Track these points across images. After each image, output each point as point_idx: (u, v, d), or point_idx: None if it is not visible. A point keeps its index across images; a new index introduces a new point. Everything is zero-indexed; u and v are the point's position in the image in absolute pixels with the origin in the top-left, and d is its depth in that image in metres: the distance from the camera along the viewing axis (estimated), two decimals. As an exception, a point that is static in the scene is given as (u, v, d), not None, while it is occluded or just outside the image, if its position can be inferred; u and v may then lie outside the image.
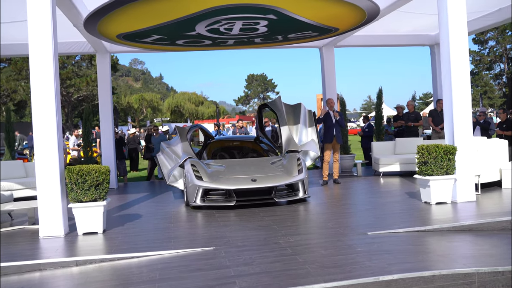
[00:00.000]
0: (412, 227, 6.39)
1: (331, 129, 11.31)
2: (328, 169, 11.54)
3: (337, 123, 11.32)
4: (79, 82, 48.24)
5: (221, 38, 10.09)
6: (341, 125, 11.47)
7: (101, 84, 13.25)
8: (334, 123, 11.28)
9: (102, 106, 13.20)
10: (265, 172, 9.05)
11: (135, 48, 11.90)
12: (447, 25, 8.06)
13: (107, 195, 7.27)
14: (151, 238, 6.64)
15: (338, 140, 11.32)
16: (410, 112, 13.94)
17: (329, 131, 11.33)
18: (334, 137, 11.26)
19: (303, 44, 13.17)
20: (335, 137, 11.28)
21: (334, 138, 11.27)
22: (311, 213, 8.03)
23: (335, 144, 11.35)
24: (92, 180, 6.93)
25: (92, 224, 7.01)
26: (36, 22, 7.02)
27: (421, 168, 8.13)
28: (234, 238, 6.35)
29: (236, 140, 11.62)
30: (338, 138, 11.33)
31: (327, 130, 11.38)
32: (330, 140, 11.32)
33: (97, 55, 13.26)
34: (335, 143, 11.33)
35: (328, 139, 11.33)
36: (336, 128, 11.30)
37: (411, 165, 11.86)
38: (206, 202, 8.67)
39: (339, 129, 11.39)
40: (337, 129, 11.32)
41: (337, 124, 11.32)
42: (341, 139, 11.44)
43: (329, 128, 11.34)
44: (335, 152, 11.50)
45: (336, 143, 11.33)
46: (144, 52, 12.88)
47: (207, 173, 8.94)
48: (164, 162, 10.40)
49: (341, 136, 11.54)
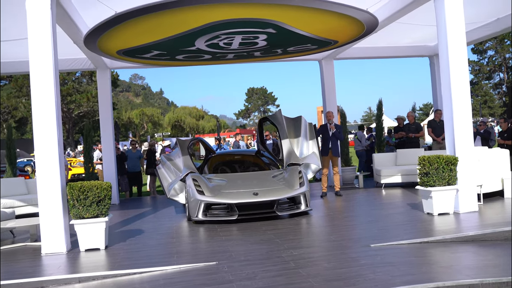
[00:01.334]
0: (415, 239, 6.36)
1: (327, 141, 11.40)
2: (327, 181, 11.59)
3: (334, 136, 11.37)
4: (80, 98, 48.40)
5: (221, 53, 10.14)
6: (338, 138, 11.48)
7: (102, 100, 13.28)
8: (330, 136, 11.34)
9: (103, 121, 13.20)
10: (267, 185, 9.05)
11: (135, 64, 11.96)
12: (445, 35, 8.10)
13: (109, 211, 7.26)
14: (153, 253, 6.63)
15: (334, 152, 11.39)
16: (410, 123, 13.95)
17: (326, 143, 11.41)
18: (330, 149, 11.35)
19: (302, 57, 13.21)
20: (331, 150, 11.35)
21: (330, 151, 11.35)
22: (314, 226, 8.02)
23: (332, 157, 11.42)
24: (94, 196, 6.93)
25: (94, 240, 7.00)
26: (36, 40, 7.07)
27: (422, 179, 8.12)
28: (237, 252, 6.33)
29: (237, 154, 11.63)
30: (334, 151, 11.39)
31: (323, 142, 11.46)
32: (326, 152, 11.37)
33: (97, 71, 13.31)
34: (332, 156, 11.41)
35: (324, 152, 11.37)
36: (332, 141, 11.36)
37: (413, 176, 11.83)
38: (208, 216, 8.66)
39: (335, 142, 11.44)
40: (333, 142, 11.38)
41: (334, 137, 11.38)
42: (338, 152, 11.50)
43: (326, 140, 11.43)
44: (334, 164, 11.54)
45: (332, 156, 11.40)
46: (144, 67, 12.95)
47: (208, 187, 8.94)
48: (164, 175, 10.38)
49: (338, 149, 11.58)
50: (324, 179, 11.54)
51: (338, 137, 11.47)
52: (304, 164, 10.49)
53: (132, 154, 14.81)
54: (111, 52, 9.62)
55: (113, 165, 13.22)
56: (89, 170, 12.54)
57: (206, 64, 11.95)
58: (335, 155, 11.41)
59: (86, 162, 12.71)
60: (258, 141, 11.81)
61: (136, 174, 14.73)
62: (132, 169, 14.64)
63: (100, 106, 13.31)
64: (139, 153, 15.23)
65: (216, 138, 20.39)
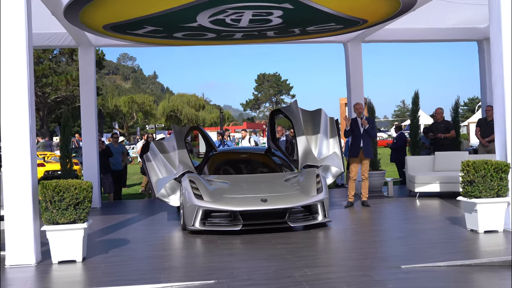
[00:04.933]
0: (455, 261, 6.32)
1: (358, 140, 11.17)
2: (354, 188, 11.43)
3: (366, 133, 11.23)
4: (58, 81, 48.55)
5: (227, 31, 10.13)
6: (371, 135, 11.35)
7: (84, 84, 13.28)
8: (362, 132, 11.18)
9: (84, 109, 13.21)
10: (278, 190, 9.06)
11: (125, 42, 11.97)
12: (499, 16, 7.98)
13: (89, 216, 7.25)
14: (140, 268, 6.64)
15: (366, 153, 11.18)
16: (439, 121, 13.95)
17: (356, 142, 11.19)
18: (361, 149, 11.18)
19: (324, 39, 13.18)
20: (363, 150, 11.17)
21: (361, 151, 11.19)
22: (333, 241, 8.04)
23: (363, 159, 11.25)
24: (71, 198, 6.92)
25: (70, 250, 7.00)
26: (6, 10, 7.06)
27: (466, 189, 8.06)
28: (240, 270, 6.34)
29: (243, 152, 11.62)
30: (367, 152, 11.19)
31: (353, 141, 11.29)
32: (356, 153, 11.16)
33: (79, 49, 13.33)
34: (363, 157, 11.23)
35: (354, 152, 11.19)
36: (364, 139, 11.17)
37: (454, 184, 11.72)
38: (206, 225, 8.67)
39: (368, 140, 11.26)
40: (365, 140, 11.19)
41: (366, 134, 11.21)
42: (371, 153, 11.36)
43: (356, 138, 11.20)
44: (364, 168, 11.34)
45: (364, 157, 11.24)
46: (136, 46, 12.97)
47: (208, 191, 8.95)
48: (154, 169, 10.36)
49: (371, 149, 11.45)
50: (352, 185, 11.37)
51: (371, 134, 11.32)
52: (323, 167, 10.44)
53: (114, 148, 14.90)
54: (96, 26, 9.63)
55: (95, 161, 13.24)
56: (66, 166, 12.57)
57: (209, 44, 11.95)
58: (368, 156, 11.23)
59: (63, 157, 12.72)
60: (268, 138, 11.80)
61: (118, 173, 14.85)
62: (115, 167, 14.71)
63: (82, 90, 13.34)
64: (121, 148, 15.30)
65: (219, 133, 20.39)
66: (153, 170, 10.34)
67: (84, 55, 13.37)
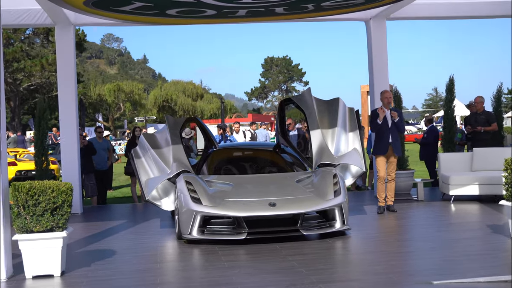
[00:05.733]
0: (497, 276, 6.29)
1: (386, 135, 11.07)
2: (384, 190, 11.32)
3: (394, 127, 11.12)
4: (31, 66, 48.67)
5: (229, 7, 10.12)
6: (400, 129, 11.27)
7: (62, 69, 13.27)
8: (390, 126, 11.06)
9: (63, 99, 13.19)
10: (289, 193, 9.05)
11: (110, 20, 11.98)
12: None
13: (68, 223, 7.23)
14: (128, 284, 6.64)
15: (396, 150, 11.09)
16: (478, 112, 13.92)
17: (383, 137, 11.10)
18: (390, 145, 11.08)
19: (343, 16, 13.12)
20: (392, 146, 11.07)
21: (390, 147, 11.08)
22: (353, 252, 8.04)
23: (391, 156, 11.17)
24: (48, 202, 6.88)
25: (47, 263, 6.95)
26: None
27: (510, 192, 8.04)
28: (245, 285, 6.34)
29: (248, 149, 11.62)
30: (396, 148, 11.10)
31: (379, 136, 11.21)
32: (385, 150, 11.07)
33: (56, 29, 13.31)
34: (391, 155, 11.14)
35: (382, 149, 11.11)
36: (393, 134, 11.08)
37: (496, 186, 11.68)
38: (205, 234, 8.66)
39: (397, 135, 11.20)
40: (394, 135, 11.10)
41: (395, 128, 11.11)
42: (399, 150, 11.28)
43: (384, 133, 11.10)
44: (391, 167, 11.24)
45: (392, 154, 11.14)
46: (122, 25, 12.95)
47: (207, 194, 8.94)
48: (143, 166, 10.36)
49: (400, 145, 11.38)
50: (381, 187, 11.30)
51: (400, 128, 11.23)
52: (342, 165, 10.47)
53: (98, 145, 14.90)
54: (76, 2, 9.64)
55: (75, 160, 13.22)
56: (42, 165, 12.61)
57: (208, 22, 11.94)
58: (397, 154, 11.16)
59: (38, 155, 12.75)
60: (278, 132, 11.80)
61: (102, 173, 14.88)
62: (99, 166, 14.75)
63: (59, 77, 13.35)
64: (106, 144, 15.27)
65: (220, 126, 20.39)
66: (143, 168, 10.33)
67: (61, 36, 13.31)
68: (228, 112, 72.02)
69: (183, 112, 71.21)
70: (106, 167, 15.10)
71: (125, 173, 15.60)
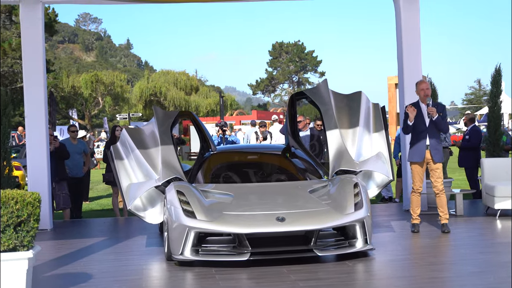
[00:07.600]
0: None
1: (422, 136, 10.66)
2: (419, 205, 10.95)
3: (433, 126, 10.71)
4: (-9, 51, 48.82)
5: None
6: (441, 129, 10.79)
7: (28, 55, 13.10)
8: (428, 125, 10.68)
9: (29, 91, 13.09)
10: (300, 206, 8.99)
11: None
12: None
13: (35, 241, 7.04)
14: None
15: (435, 156, 10.63)
16: None
17: (419, 139, 10.65)
18: (428, 149, 10.73)
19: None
20: (430, 151, 10.68)
21: (429, 151, 10.70)
22: (377, 277, 7.94)
23: (430, 163, 10.77)
24: (10, 215, 6.71)
25: (9, 288, 6.78)
26: None
27: None
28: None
29: (252, 152, 11.61)
30: (436, 153, 10.65)
31: (415, 138, 10.76)
32: (421, 155, 10.65)
33: (20, 6, 13.08)
34: (431, 160, 10.75)
35: (417, 155, 10.68)
36: (431, 135, 10.67)
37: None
38: (200, 254, 8.59)
39: (437, 136, 10.69)
40: (433, 136, 10.65)
41: (433, 128, 10.65)
42: (441, 155, 10.70)
43: (420, 134, 10.66)
44: (436, 177, 10.76)
45: (432, 160, 10.73)
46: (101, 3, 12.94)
47: (203, 206, 8.87)
48: (126, 169, 10.21)
49: (441, 149, 10.82)
50: (416, 200, 10.90)
51: (441, 128, 10.72)
52: (364, 173, 10.39)
53: (72, 147, 14.74)
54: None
55: (44, 165, 13.02)
56: (4, 171, 12.58)
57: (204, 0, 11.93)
58: (438, 160, 10.68)
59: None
60: (287, 132, 11.78)
61: (77, 181, 14.76)
62: (74, 173, 14.68)
63: (25, 65, 13.13)
64: (82, 146, 15.13)
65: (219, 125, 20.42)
66: (124, 171, 10.24)
67: (28, 15, 13.07)
68: (229, 108, 72.23)
69: (174, 108, 71.23)
70: (81, 174, 14.98)
71: (104, 181, 15.50)
